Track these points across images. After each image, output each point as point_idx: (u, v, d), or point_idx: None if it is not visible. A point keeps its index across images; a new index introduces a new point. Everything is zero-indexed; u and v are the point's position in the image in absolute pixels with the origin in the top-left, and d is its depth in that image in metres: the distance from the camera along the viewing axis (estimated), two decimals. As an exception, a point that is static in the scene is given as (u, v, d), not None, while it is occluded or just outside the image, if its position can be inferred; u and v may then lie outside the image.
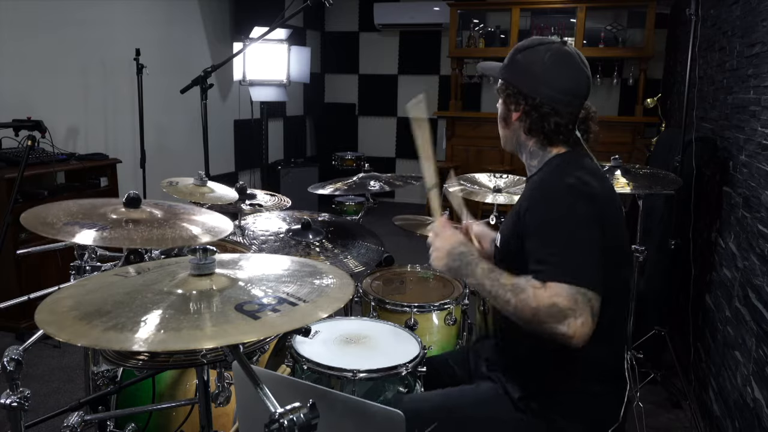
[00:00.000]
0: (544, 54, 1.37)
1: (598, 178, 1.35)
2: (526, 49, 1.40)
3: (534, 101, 1.36)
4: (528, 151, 1.45)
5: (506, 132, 1.48)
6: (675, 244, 2.82)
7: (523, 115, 1.39)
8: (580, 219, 1.25)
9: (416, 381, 1.55)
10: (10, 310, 1.58)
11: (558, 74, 1.36)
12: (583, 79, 1.38)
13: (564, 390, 1.35)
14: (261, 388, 0.86)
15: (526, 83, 1.38)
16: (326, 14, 7.26)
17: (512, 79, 1.41)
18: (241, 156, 5.91)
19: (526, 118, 1.39)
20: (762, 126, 2.16)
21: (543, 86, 1.36)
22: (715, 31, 3.14)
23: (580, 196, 1.27)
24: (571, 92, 1.37)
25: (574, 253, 1.22)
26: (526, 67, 1.39)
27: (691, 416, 2.61)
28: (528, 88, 1.37)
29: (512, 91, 1.40)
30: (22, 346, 1.25)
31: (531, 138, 1.42)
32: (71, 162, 3.60)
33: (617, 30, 5.95)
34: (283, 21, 2.67)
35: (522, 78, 1.39)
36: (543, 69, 1.36)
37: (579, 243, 1.23)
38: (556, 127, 1.37)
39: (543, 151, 1.42)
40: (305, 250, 1.95)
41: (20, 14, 3.60)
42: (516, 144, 1.47)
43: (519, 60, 1.40)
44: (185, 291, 0.96)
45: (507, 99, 1.42)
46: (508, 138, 1.48)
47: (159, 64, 4.48)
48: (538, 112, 1.37)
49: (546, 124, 1.37)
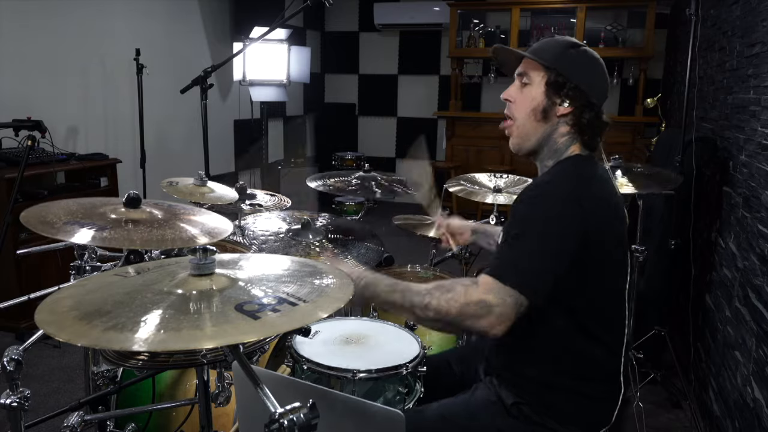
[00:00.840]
0: (595, 56, 1.41)
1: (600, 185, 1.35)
2: (578, 47, 1.40)
3: (589, 99, 1.37)
4: (553, 148, 1.41)
5: (537, 126, 1.39)
6: (675, 244, 2.82)
7: (577, 111, 1.37)
8: (553, 228, 1.26)
9: (416, 381, 1.55)
10: (10, 310, 1.58)
11: (604, 78, 1.42)
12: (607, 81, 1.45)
13: (556, 393, 1.35)
14: (261, 388, 0.86)
15: (586, 80, 1.37)
16: (326, 14, 7.26)
17: (569, 72, 1.36)
18: (241, 156, 5.91)
19: (580, 114, 1.37)
20: (762, 126, 2.16)
21: (598, 87, 1.39)
22: (715, 31, 3.14)
23: (566, 203, 1.28)
24: (605, 94, 1.42)
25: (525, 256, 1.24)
26: (585, 65, 1.38)
27: (691, 416, 2.61)
28: (587, 86, 1.36)
29: (570, 86, 1.35)
30: (22, 346, 1.25)
31: (567, 135, 1.39)
32: (71, 162, 3.60)
33: (617, 30, 5.95)
34: (283, 21, 2.67)
35: (581, 74, 1.37)
36: (599, 70, 1.40)
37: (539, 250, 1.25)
38: (601, 126, 1.39)
39: (566, 149, 1.40)
40: (305, 250, 1.95)
41: (20, 14, 3.60)
42: (543, 140, 1.41)
43: (575, 55, 1.38)
44: (185, 291, 0.96)
45: (557, 91, 1.36)
46: (536, 133, 1.40)
47: (159, 64, 4.48)
48: (594, 111, 1.38)
49: (597, 122, 1.38)
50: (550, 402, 1.35)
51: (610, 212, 1.34)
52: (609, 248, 1.32)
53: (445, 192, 2.59)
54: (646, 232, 2.97)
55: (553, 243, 1.25)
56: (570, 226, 1.26)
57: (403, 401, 1.52)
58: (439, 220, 1.87)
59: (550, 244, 1.25)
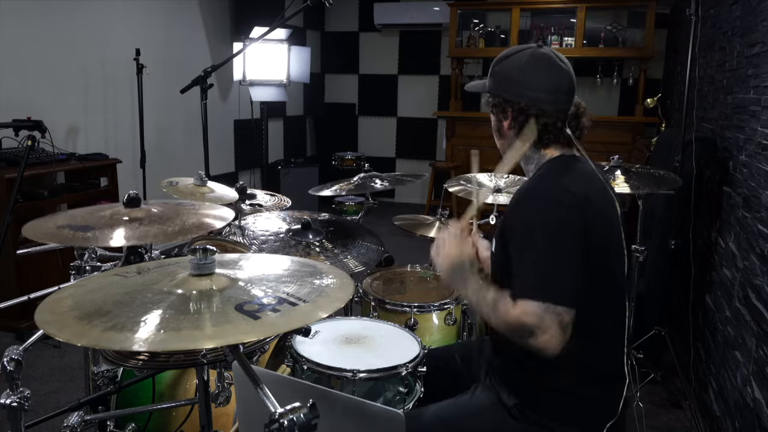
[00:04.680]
0: (520, 59, 1.41)
1: (586, 183, 1.35)
2: (504, 59, 1.44)
3: (519, 105, 1.39)
4: (526, 158, 1.47)
5: (502, 143, 1.50)
6: (675, 244, 2.82)
7: (512, 122, 1.41)
8: (555, 230, 1.27)
9: (416, 381, 1.55)
10: (10, 310, 1.58)
11: (536, 75, 1.39)
12: (563, 75, 1.40)
13: (557, 394, 1.35)
14: (261, 388, 0.86)
15: (508, 90, 1.41)
16: (326, 14, 7.26)
17: (496, 89, 1.44)
18: (241, 156, 5.91)
19: (515, 124, 1.41)
20: (762, 126, 2.16)
21: (525, 89, 1.39)
22: (715, 31, 3.14)
23: (559, 205, 1.28)
24: (554, 90, 1.38)
25: (545, 267, 1.25)
26: (506, 75, 1.42)
27: (691, 416, 2.61)
28: (511, 94, 1.40)
29: (498, 101, 1.43)
30: (22, 346, 1.25)
31: (524, 143, 1.43)
32: (71, 162, 3.60)
33: (617, 30, 5.95)
34: (283, 21, 2.67)
35: (504, 86, 1.42)
36: (521, 72, 1.39)
37: (551, 256, 1.25)
38: (545, 127, 1.39)
39: (537, 155, 1.44)
40: (305, 250, 1.95)
41: (20, 14, 3.60)
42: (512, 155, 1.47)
43: (498, 70, 1.44)
44: (185, 291, 0.96)
45: (495, 110, 1.46)
46: (503, 148, 1.50)
47: (159, 64, 4.48)
48: (525, 115, 1.39)
49: (535, 124, 1.39)
50: (551, 403, 1.35)
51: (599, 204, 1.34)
52: (607, 241, 1.33)
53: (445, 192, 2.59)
54: (646, 232, 2.97)
55: (562, 244, 1.26)
56: (569, 224, 1.27)
57: (403, 401, 1.52)
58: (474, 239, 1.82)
59: (560, 246, 1.26)
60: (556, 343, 1.20)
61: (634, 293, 2.60)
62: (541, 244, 1.27)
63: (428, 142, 7.08)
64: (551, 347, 1.20)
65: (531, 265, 1.27)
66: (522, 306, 1.22)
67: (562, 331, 1.20)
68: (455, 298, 2.14)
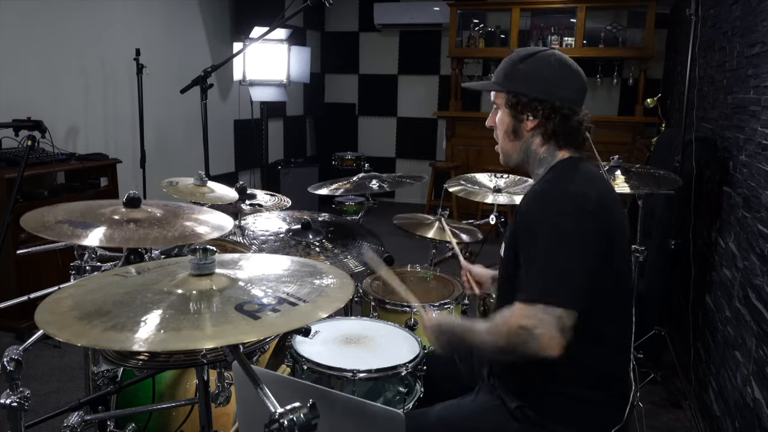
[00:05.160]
0: (549, 59, 1.39)
1: (596, 185, 1.35)
2: (528, 58, 1.40)
3: (552, 104, 1.37)
4: (537, 159, 1.44)
5: (514, 145, 1.45)
6: (675, 244, 2.82)
7: (542, 121, 1.39)
8: (566, 233, 1.26)
9: (416, 381, 1.55)
10: (10, 310, 1.58)
11: (568, 75, 1.39)
12: (582, 79, 1.42)
13: (560, 397, 1.35)
14: (261, 388, 0.86)
15: (540, 89, 1.37)
16: (326, 14, 7.26)
17: (521, 88, 1.40)
18: (241, 156, 5.91)
19: (546, 123, 1.38)
20: (762, 126, 2.16)
21: (558, 89, 1.37)
22: (715, 31, 3.14)
23: (572, 209, 1.28)
24: (579, 92, 1.40)
25: (548, 270, 1.25)
26: (535, 74, 1.39)
27: (691, 416, 2.61)
28: (544, 93, 1.37)
29: (525, 100, 1.39)
30: (22, 346, 1.25)
31: (545, 144, 1.41)
32: (71, 162, 3.60)
33: (617, 30, 5.95)
34: (283, 21, 2.67)
35: (534, 85, 1.38)
36: (554, 72, 1.38)
37: (555, 259, 1.25)
38: (578, 125, 1.39)
39: (552, 157, 1.42)
40: (305, 250, 1.95)
41: (20, 14, 3.60)
42: (524, 155, 1.46)
43: (523, 69, 1.40)
44: (185, 291, 0.96)
45: (519, 109, 1.40)
46: (515, 150, 1.46)
47: (159, 64, 4.48)
48: (560, 114, 1.37)
49: (568, 123, 1.38)
50: (554, 406, 1.35)
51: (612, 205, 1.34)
52: (618, 246, 1.32)
53: (445, 192, 2.59)
54: (646, 232, 2.97)
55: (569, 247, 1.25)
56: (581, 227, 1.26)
57: (403, 401, 1.52)
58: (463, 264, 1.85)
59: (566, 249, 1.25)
60: (555, 346, 1.18)
61: (635, 293, 2.60)
62: (546, 246, 1.26)
63: (428, 142, 7.08)
64: (550, 350, 1.19)
65: (535, 267, 1.26)
66: (520, 309, 1.22)
67: (561, 333, 1.19)
68: (455, 298, 2.14)
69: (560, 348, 1.19)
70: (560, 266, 1.24)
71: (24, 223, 1.32)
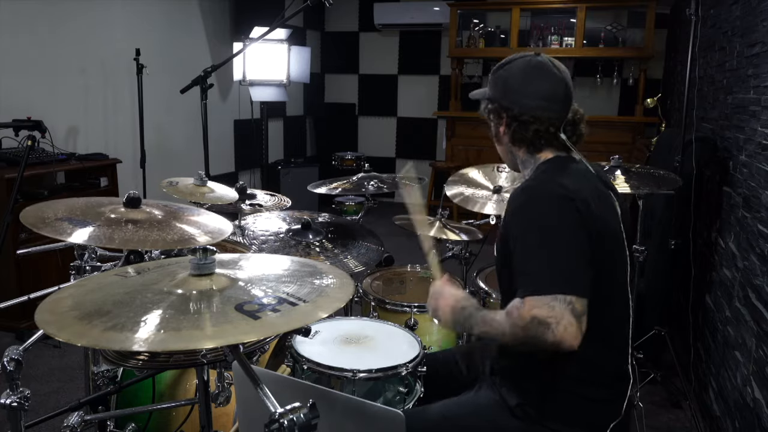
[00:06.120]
0: (516, 67, 1.45)
1: (580, 182, 1.36)
2: (502, 67, 1.47)
3: (512, 112, 1.43)
4: (520, 161, 1.51)
5: (501, 149, 1.54)
6: (675, 244, 2.82)
7: (506, 128, 1.46)
8: (555, 225, 1.28)
9: (416, 381, 1.55)
10: (10, 310, 1.58)
11: (530, 83, 1.42)
12: (558, 84, 1.42)
13: (560, 394, 1.35)
14: (261, 388, 0.86)
15: (505, 97, 1.45)
16: (326, 14, 7.26)
17: (493, 96, 1.48)
18: (241, 156, 5.91)
19: (508, 130, 1.46)
20: (762, 126, 2.16)
21: (519, 96, 1.42)
22: (715, 31, 3.14)
23: (557, 202, 1.29)
24: (547, 98, 1.41)
25: (548, 261, 1.25)
26: (503, 82, 1.46)
27: (691, 416, 2.61)
28: (507, 101, 1.44)
29: (494, 107, 1.48)
30: (22, 346, 1.25)
31: (519, 148, 1.47)
32: (71, 162, 3.60)
33: (617, 30, 5.95)
34: (283, 21, 2.67)
35: (501, 93, 1.46)
36: (516, 81, 1.44)
37: (554, 250, 1.26)
38: (536, 133, 1.42)
39: (533, 159, 1.47)
40: (305, 250, 1.95)
41: (20, 14, 3.60)
42: (512, 158, 1.53)
43: (496, 78, 1.48)
44: (185, 291, 0.96)
45: (491, 116, 1.50)
46: (504, 154, 1.55)
47: (159, 64, 4.48)
48: (518, 121, 1.43)
49: (526, 132, 1.42)
50: (554, 403, 1.35)
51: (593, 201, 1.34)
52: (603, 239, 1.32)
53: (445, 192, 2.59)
54: (646, 232, 2.97)
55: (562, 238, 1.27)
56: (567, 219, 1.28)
57: (403, 401, 1.52)
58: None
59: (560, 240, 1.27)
60: (573, 333, 1.18)
61: (635, 293, 2.60)
62: (541, 240, 1.27)
63: (428, 142, 7.08)
64: (568, 338, 1.18)
65: (535, 262, 1.27)
66: (531, 302, 1.21)
67: (576, 319, 1.19)
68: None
69: (579, 336, 1.19)
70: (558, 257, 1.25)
71: (23, 218, 1.32)
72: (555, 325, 1.18)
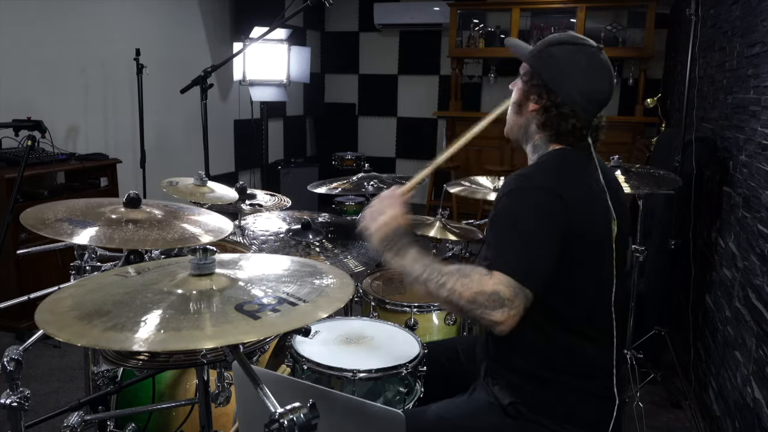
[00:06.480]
0: (581, 56, 1.35)
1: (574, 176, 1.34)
2: (563, 44, 1.37)
3: (556, 98, 1.34)
4: (533, 144, 1.44)
5: (517, 119, 1.44)
6: (675, 244, 2.82)
7: (541, 109, 1.37)
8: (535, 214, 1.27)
9: (416, 381, 1.55)
10: (10, 310, 1.58)
11: (588, 80, 1.35)
12: (608, 90, 1.37)
13: (551, 392, 1.35)
14: (261, 388, 0.86)
15: (554, 79, 1.35)
16: (326, 14, 7.26)
17: (541, 69, 1.37)
18: (241, 156, 5.91)
19: (544, 113, 1.37)
20: (762, 126, 2.16)
21: (570, 87, 1.34)
22: (715, 31, 3.14)
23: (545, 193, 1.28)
24: (594, 100, 1.36)
25: (523, 248, 1.25)
26: (559, 63, 1.35)
27: (691, 416, 2.61)
28: (554, 84, 1.34)
29: (537, 82, 1.37)
30: (22, 346, 1.25)
31: (540, 132, 1.40)
32: (71, 162, 3.60)
33: (617, 30, 5.95)
34: (283, 21, 2.67)
35: (551, 72, 1.35)
36: (576, 70, 1.34)
37: (528, 239, 1.25)
38: (573, 129, 1.35)
39: (545, 146, 1.41)
40: (305, 250, 1.95)
41: (20, 14, 3.60)
42: (523, 134, 1.45)
43: (553, 53, 1.37)
44: (185, 291, 0.96)
45: (529, 88, 1.39)
46: (516, 125, 1.45)
47: (159, 64, 4.48)
48: (558, 111, 1.35)
49: (563, 123, 1.35)
50: (545, 401, 1.35)
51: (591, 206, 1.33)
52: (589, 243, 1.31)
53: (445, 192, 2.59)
54: (646, 232, 2.97)
55: (540, 229, 1.26)
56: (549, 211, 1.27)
57: (403, 401, 1.52)
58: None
59: (538, 231, 1.26)
60: (513, 323, 1.19)
61: (634, 293, 2.60)
62: (521, 225, 1.27)
63: (428, 142, 7.08)
64: (508, 325, 1.19)
65: (510, 242, 1.26)
66: (500, 277, 1.20)
67: (522, 313, 1.20)
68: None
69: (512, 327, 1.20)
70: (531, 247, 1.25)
71: (24, 220, 1.32)
72: (508, 309, 1.18)
